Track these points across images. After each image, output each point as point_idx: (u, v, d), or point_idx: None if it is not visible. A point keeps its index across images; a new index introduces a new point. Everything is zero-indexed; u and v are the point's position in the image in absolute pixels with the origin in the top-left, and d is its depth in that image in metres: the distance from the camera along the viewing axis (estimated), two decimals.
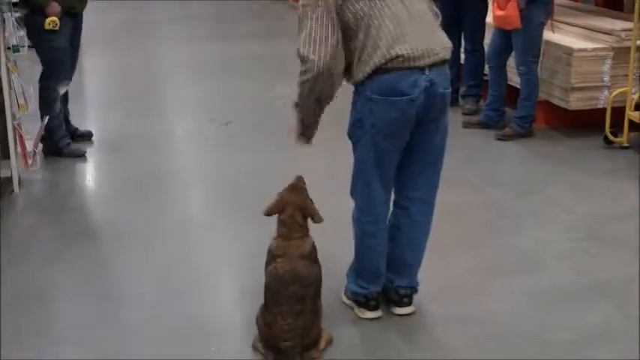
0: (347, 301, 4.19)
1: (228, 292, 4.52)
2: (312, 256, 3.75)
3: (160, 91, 8.67)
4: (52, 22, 6.00)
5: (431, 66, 3.70)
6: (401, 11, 3.69)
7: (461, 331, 3.97)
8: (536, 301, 4.27)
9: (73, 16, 6.29)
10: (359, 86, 3.77)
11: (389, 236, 4.06)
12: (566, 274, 4.57)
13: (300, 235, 3.73)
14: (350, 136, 3.91)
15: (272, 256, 3.72)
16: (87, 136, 6.85)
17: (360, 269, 4.09)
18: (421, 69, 3.69)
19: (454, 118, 7.32)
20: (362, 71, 3.72)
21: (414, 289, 4.13)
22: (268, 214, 3.79)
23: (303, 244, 3.72)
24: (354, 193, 4.00)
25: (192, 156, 6.75)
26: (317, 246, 3.80)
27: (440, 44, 3.76)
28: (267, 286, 3.69)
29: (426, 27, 3.76)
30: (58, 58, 6.24)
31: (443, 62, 3.77)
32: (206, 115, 7.57)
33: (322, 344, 3.75)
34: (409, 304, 4.12)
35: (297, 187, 3.82)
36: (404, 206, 4.03)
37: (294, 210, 3.73)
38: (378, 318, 4.08)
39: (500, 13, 6.65)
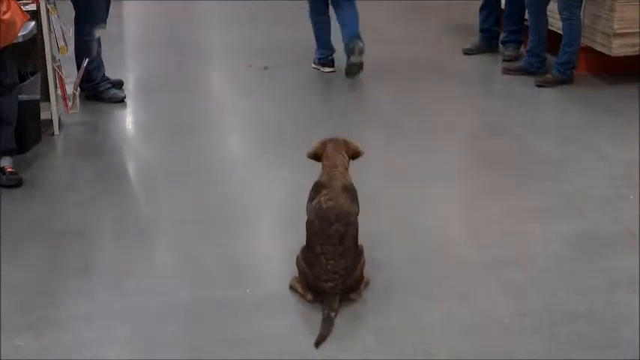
0: (316, 66, 7.25)
1: (264, 233, 4.55)
2: (353, 194, 3.78)
3: (198, 37, 8.69)
4: None
5: None
6: None
7: (498, 275, 3.96)
8: (574, 245, 4.25)
9: None
10: None
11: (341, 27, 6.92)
12: (604, 219, 4.53)
13: (344, 169, 3.80)
14: None
15: (318, 188, 3.73)
16: (118, 85, 6.69)
17: (318, 46, 7.19)
18: None
19: (494, 65, 7.35)
20: None
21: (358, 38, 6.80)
22: (310, 155, 3.87)
23: (346, 175, 3.79)
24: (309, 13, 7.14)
25: (229, 100, 6.76)
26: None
27: None
28: (310, 224, 3.65)
29: None
30: (90, 2, 6.18)
31: None
32: (243, 61, 7.57)
33: (362, 287, 3.73)
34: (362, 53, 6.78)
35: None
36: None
37: (336, 145, 3.84)
38: (333, 72, 7.05)
39: None
